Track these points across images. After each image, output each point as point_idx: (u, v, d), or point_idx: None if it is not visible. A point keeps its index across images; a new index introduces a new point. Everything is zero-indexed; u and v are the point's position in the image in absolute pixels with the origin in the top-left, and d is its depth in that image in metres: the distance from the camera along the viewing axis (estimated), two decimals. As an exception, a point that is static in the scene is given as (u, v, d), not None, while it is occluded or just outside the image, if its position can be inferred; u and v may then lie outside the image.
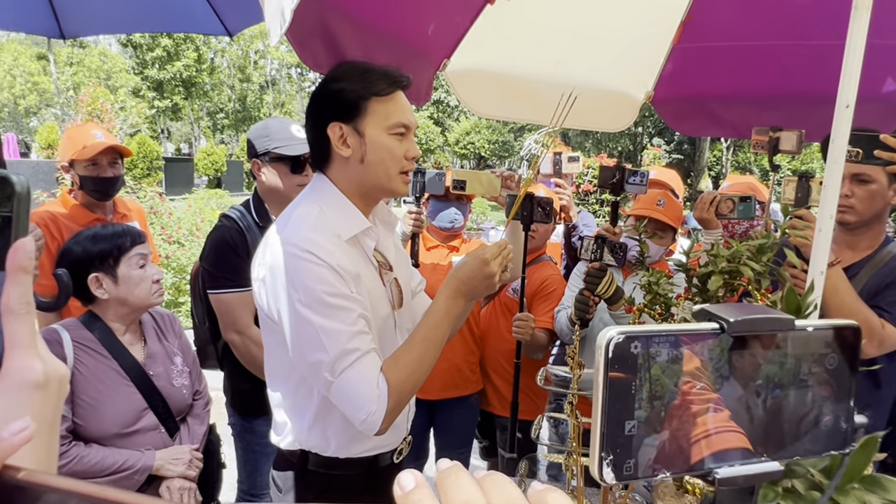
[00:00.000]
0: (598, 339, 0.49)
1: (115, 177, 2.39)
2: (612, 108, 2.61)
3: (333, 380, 1.19)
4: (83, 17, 2.42)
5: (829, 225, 1.24)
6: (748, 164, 23.50)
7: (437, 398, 2.48)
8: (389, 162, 1.28)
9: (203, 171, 22.49)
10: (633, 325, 0.50)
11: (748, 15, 2.16)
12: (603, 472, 0.49)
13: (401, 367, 1.23)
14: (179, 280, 6.04)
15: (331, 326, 1.18)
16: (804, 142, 2.13)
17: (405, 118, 1.29)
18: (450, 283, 1.29)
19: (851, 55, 1.19)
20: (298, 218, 1.25)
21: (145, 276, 1.68)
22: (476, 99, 2.50)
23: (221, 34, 2.42)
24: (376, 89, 1.25)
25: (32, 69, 26.66)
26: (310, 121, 1.31)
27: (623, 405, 0.48)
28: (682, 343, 0.50)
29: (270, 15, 0.95)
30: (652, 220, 2.21)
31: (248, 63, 37.12)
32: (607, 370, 0.48)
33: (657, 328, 0.50)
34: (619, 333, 0.47)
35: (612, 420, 0.48)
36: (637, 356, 0.48)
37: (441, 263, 2.52)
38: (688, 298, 1.59)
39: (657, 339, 0.49)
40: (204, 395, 1.90)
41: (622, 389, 0.48)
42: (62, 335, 1.62)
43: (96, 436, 1.61)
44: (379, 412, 1.19)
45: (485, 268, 1.27)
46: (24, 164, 10.60)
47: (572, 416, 1.56)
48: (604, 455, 0.48)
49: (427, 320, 1.29)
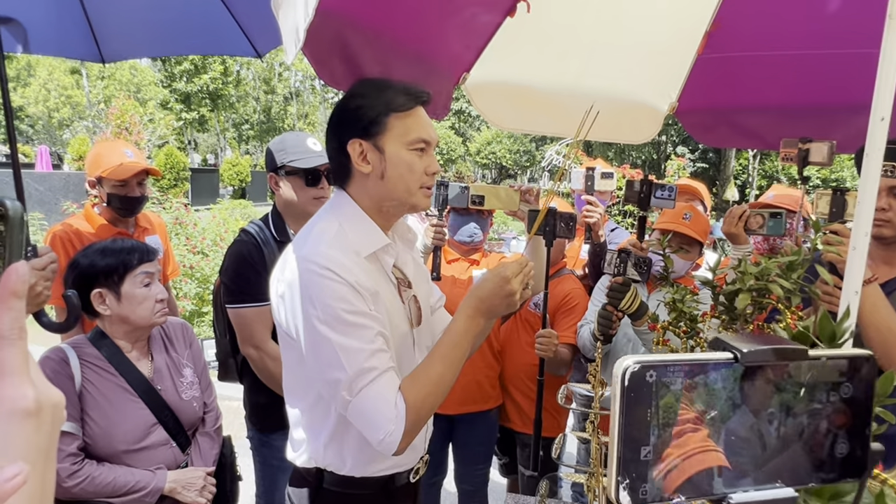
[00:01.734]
0: (614, 368, 0.51)
1: (142, 196, 2.46)
2: (636, 120, 2.57)
3: (351, 399, 1.17)
4: (121, 41, 2.51)
5: (863, 243, 1.19)
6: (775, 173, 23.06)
7: (456, 413, 2.45)
8: (409, 178, 1.27)
9: (228, 182, 22.86)
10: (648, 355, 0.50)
11: (774, 24, 2.11)
12: (620, 496, 0.51)
13: (419, 387, 1.21)
14: (203, 290, 6.11)
15: (349, 344, 1.17)
16: (835, 153, 2.07)
17: (425, 134, 1.28)
18: (469, 302, 1.28)
19: (886, 66, 1.15)
20: (318, 234, 1.25)
21: (149, 296, 1.67)
22: (496, 112, 2.49)
23: (251, 56, 2.49)
24: (395, 105, 1.25)
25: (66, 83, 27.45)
26: (330, 137, 1.31)
27: (639, 431, 0.51)
28: (697, 372, 0.53)
29: (287, 34, 0.95)
30: (678, 234, 2.16)
31: (273, 75, 37.75)
32: (624, 398, 0.50)
33: (672, 357, 0.52)
34: (634, 363, 0.50)
35: (628, 445, 0.51)
36: (652, 384, 0.51)
37: (461, 277, 2.50)
38: (714, 316, 1.54)
39: (672, 369, 0.52)
40: (213, 409, 1.89)
41: (638, 416, 0.51)
42: (68, 354, 1.62)
43: (106, 453, 1.61)
44: (397, 432, 1.17)
45: (505, 286, 1.25)
46: (55, 175, 10.88)
47: (594, 435, 1.52)
48: (620, 479, 0.51)
49: (446, 339, 1.27)
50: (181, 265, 6.05)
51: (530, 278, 1.30)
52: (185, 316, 5.83)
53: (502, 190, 2.22)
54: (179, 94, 30.99)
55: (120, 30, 2.45)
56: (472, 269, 2.53)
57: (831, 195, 1.75)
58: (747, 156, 23.40)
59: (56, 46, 2.52)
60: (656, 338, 1.60)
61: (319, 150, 2.07)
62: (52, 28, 2.36)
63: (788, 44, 2.17)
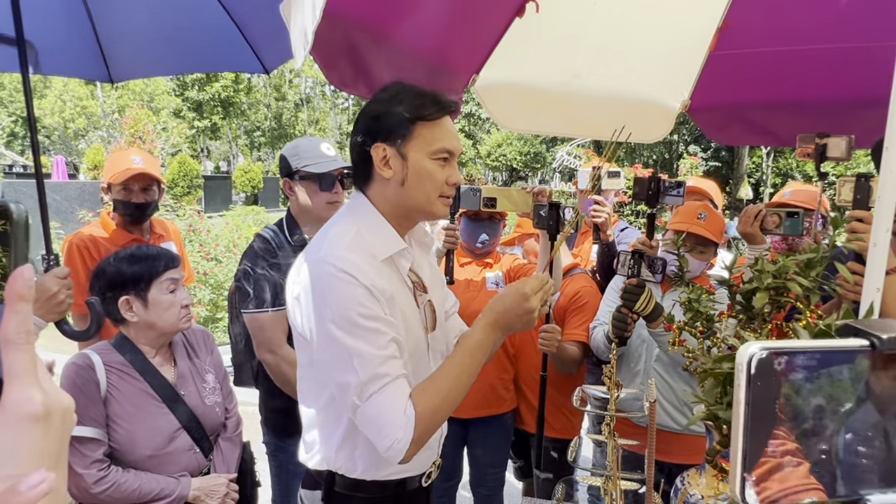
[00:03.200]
0: (737, 356, 0.46)
1: (147, 203, 2.43)
2: (647, 119, 2.55)
3: (361, 404, 1.17)
4: (130, 61, 2.54)
5: (885, 239, 1.16)
6: (790, 170, 22.80)
7: (470, 416, 2.44)
8: (430, 187, 1.27)
9: (241, 188, 23.04)
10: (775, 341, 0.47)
11: (786, 19, 2.08)
12: (746, 494, 0.47)
13: (430, 396, 1.21)
14: (217, 296, 6.15)
15: (362, 349, 1.16)
16: (853, 147, 2.03)
17: (450, 144, 1.27)
18: (487, 315, 1.27)
19: (905, 58, 1.12)
20: (335, 237, 1.25)
21: (175, 302, 1.69)
22: (507, 113, 2.48)
23: (259, 72, 2.50)
24: (423, 113, 1.24)
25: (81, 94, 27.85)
26: (354, 139, 1.31)
27: (766, 423, 0.47)
28: (829, 361, 0.48)
29: (295, 38, 0.95)
30: (692, 234, 2.14)
31: (284, 82, 38.04)
32: (750, 387, 0.46)
33: (802, 344, 0.48)
34: (761, 349, 0.46)
35: (755, 439, 0.46)
36: (780, 373, 0.46)
37: (474, 280, 2.49)
38: (731, 316, 1.52)
39: (802, 356, 0.47)
40: (234, 415, 1.90)
41: (765, 407, 0.46)
42: (94, 360, 1.63)
43: (131, 459, 1.62)
44: (405, 440, 1.16)
45: (524, 303, 1.25)
46: (71, 185, 11.03)
47: (610, 438, 1.50)
48: (746, 475, 0.46)
49: (461, 350, 1.27)
50: (195, 272, 6.10)
51: (550, 295, 1.30)
52: (200, 322, 5.88)
53: (514, 192, 2.21)
54: (192, 102, 31.32)
55: (129, 50, 2.48)
56: (486, 271, 2.52)
57: (855, 182, 1.71)
58: (760, 154, 23.15)
59: (66, 67, 2.55)
60: (672, 338, 1.58)
61: (333, 155, 2.07)
62: (62, 49, 2.39)
63: (800, 39, 2.14)
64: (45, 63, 2.28)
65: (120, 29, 2.39)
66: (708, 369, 1.22)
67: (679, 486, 1.51)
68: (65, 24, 2.31)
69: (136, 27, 2.39)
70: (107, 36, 2.40)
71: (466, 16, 1.84)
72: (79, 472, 1.55)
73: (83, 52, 2.40)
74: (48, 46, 2.26)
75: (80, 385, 1.58)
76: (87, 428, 1.57)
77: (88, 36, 2.37)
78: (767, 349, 0.46)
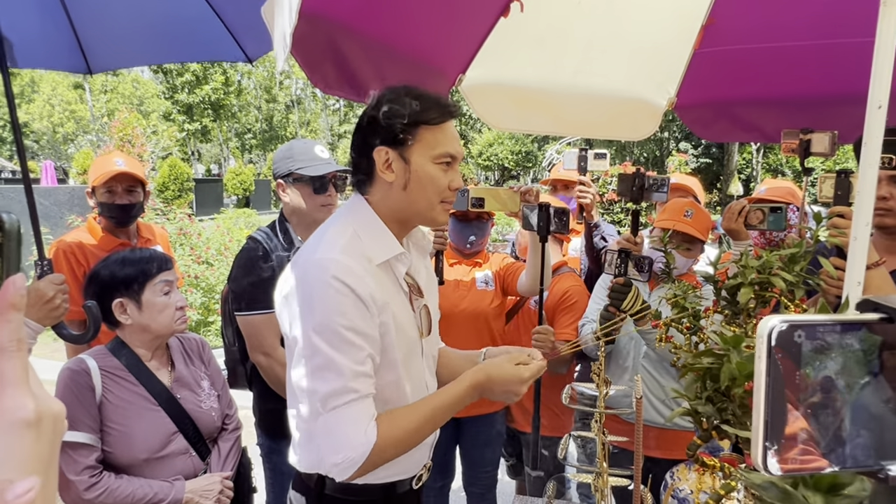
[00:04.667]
0: (759, 329, 0.48)
1: (131, 204, 2.41)
2: (634, 117, 2.56)
3: (323, 413, 1.17)
4: (109, 51, 2.49)
5: (864, 233, 1.18)
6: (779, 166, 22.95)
7: (462, 415, 2.45)
8: (432, 191, 1.26)
9: (232, 191, 22.96)
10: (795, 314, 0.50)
11: (770, 16, 2.10)
12: (768, 463, 0.48)
13: (395, 427, 1.20)
14: (208, 300, 6.13)
15: (338, 361, 1.16)
16: (837, 143, 2.05)
17: (453, 148, 1.27)
18: (477, 376, 1.26)
19: (882, 54, 1.14)
20: (331, 239, 1.24)
21: (169, 303, 1.68)
22: (494, 113, 2.48)
23: (242, 61, 2.46)
24: (427, 118, 1.24)
25: (70, 98, 27.68)
26: (356, 142, 1.30)
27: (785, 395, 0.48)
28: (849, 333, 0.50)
29: (276, 41, 0.95)
30: (679, 231, 2.15)
31: (274, 84, 37.94)
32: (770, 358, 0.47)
33: (822, 317, 0.49)
34: (781, 321, 0.48)
35: (776, 409, 0.48)
36: (801, 345, 0.48)
37: (464, 280, 2.50)
38: (717, 311, 1.53)
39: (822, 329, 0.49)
40: (234, 420, 1.90)
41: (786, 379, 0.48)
42: (89, 364, 1.63)
43: (127, 462, 1.61)
44: (357, 460, 1.16)
45: (517, 386, 1.26)
46: (61, 189, 10.94)
47: (599, 434, 1.51)
48: (768, 444, 0.48)
49: (441, 397, 1.26)
50: (186, 275, 6.07)
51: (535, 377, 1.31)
52: (192, 326, 5.86)
53: (502, 191, 2.22)
54: (182, 105, 31.18)
55: (106, 40, 2.43)
56: (475, 271, 2.53)
57: (835, 178, 1.73)
58: (751, 150, 23.31)
59: (44, 60, 2.50)
60: (659, 335, 1.59)
61: (327, 158, 2.07)
62: (38, 41, 2.34)
63: (785, 35, 2.16)
64: (21, 56, 2.20)
65: (96, 19, 2.34)
66: (688, 364, 1.23)
67: (668, 481, 1.53)
68: (39, 16, 2.26)
69: (113, 16, 2.34)
70: (83, 26, 2.34)
71: (451, 16, 1.84)
72: (70, 478, 1.54)
73: (60, 44, 2.35)
74: (23, 39, 2.19)
75: (75, 390, 1.58)
76: (80, 433, 1.56)
77: (64, 27, 2.32)
78: (788, 321, 0.47)
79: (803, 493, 0.65)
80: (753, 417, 0.48)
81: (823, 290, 1.59)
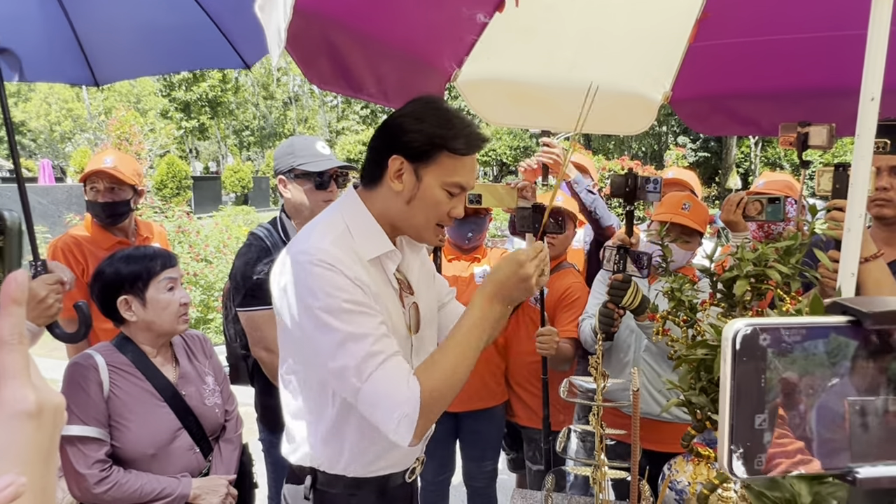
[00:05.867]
0: (724, 332, 0.48)
1: (113, 202, 2.40)
2: (630, 111, 2.56)
3: (361, 385, 1.15)
4: (114, 64, 2.57)
5: (858, 224, 1.18)
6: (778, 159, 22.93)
7: (462, 410, 2.46)
8: (432, 214, 1.27)
9: (230, 189, 22.93)
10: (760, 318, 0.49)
11: (764, 9, 2.10)
12: (733, 466, 0.48)
13: (434, 371, 1.18)
14: (208, 297, 6.14)
15: (353, 331, 1.16)
16: (835, 136, 2.05)
17: (466, 180, 1.27)
18: (486, 288, 1.25)
19: (874, 47, 1.14)
20: (321, 231, 1.25)
21: (173, 300, 1.70)
22: (489, 108, 2.48)
23: (240, 67, 2.53)
24: (454, 146, 1.23)
25: (66, 96, 27.57)
26: (376, 142, 1.30)
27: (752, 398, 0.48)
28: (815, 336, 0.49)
29: (270, 36, 0.95)
30: (677, 224, 2.15)
31: (271, 81, 37.83)
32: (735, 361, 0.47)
33: (787, 320, 0.49)
34: (746, 325, 0.48)
35: (741, 413, 0.48)
36: (766, 349, 0.48)
37: (462, 275, 2.50)
38: (713, 304, 1.54)
39: (787, 332, 0.49)
40: (234, 416, 1.92)
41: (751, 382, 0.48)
42: (97, 360, 1.65)
43: (133, 457, 1.64)
44: (413, 414, 1.13)
45: (520, 270, 1.22)
46: (58, 188, 10.95)
47: (598, 427, 1.52)
48: (733, 448, 0.48)
49: (462, 324, 1.23)
50: (185, 273, 6.07)
51: (546, 264, 1.27)
52: (192, 324, 5.86)
53: (499, 188, 2.22)
54: (179, 103, 31.10)
55: (111, 52, 2.51)
56: (474, 266, 2.54)
57: (833, 172, 1.73)
58: (749, 143, 23.28)
59: (50, 73, 2.57)
60: (656, 328, 1.59)
61: (328, 154, 2.08)
62: (45, 55, 2.41)
63: (780, 28, 2.16)
64: (29, 70, 2.29)
65: (100, 32, 2.41)
66: (682, 355, 1.24)
67: (666, 472, 1.54)
68: (45, 31, 2.33)
69: (115, 29, 2.41)
70: (88, 40, 2.41)
71: (445, 11, 1.84)
72: (81, 472, 1.56)
73: (66, 57, 2.42)
74: (30, 53, 2.28)
75: (83, 385, 1.60)
76: (89, 428, 1.58)
77: (70, 41, 2.38)
78: (752, 325, 0.47)
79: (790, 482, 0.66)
80: (719, 421, 0.48)
81: (821, 283, 1.59)
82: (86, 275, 2.37)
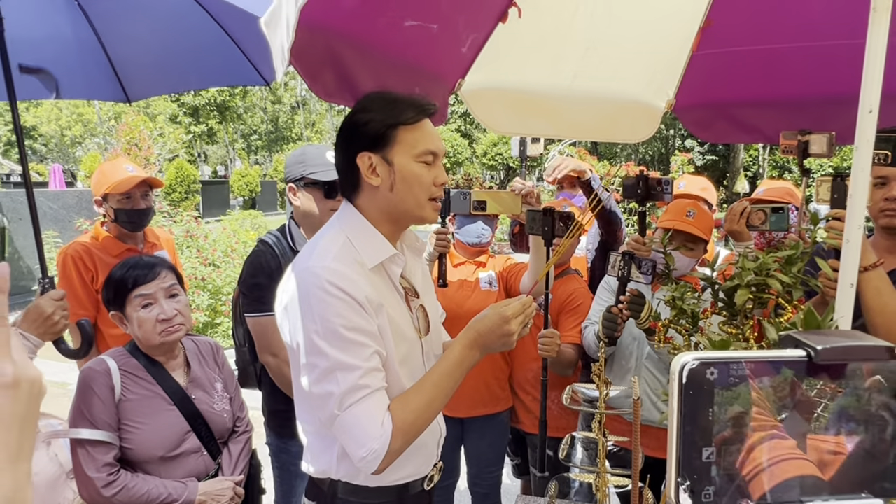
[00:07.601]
0: (671, 366, 0.48)
1: (148, 208, 2.51)
2: (633, 119, 2.57)
3: (339, 413, 1.20)
4: (143, 81, 2.75)
5: (857, 235, 1.19)
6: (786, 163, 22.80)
7: (467, 416, 2.47)
8: (418, 189, 1.29)
9: (238, 193, 23.05)
10: (708, 352, 0.48)
11: (767, 18, 2.11)
12: (680, 498, 0.48)
13: (408, 410, 1.23)
14: (215, 301, 6.17)
15: (345, 360, 1.19)
16: (835, 144, 2.05)
17: (433, 145, 1.30)
18: (468, 334, 1.29)
19: (872, 58, 1.15)
20: (324, 247, 1.27)
21: (147, 318, 1.70)
22: (494, 116, 2.50)
23: (261, 84, 2.65)
24: (404, 118, 1.27)
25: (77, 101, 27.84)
26: (339, 151, 1.33)
27: (699, 431, 0.47)
28: (763, 371, 0.49)
29: (275, 52, 0.98)
30: (681, 231, 2.16)
31: (279, 85, 38.03)
32: (682, 396, 0.47)
33: (735, 354, 0.49)
34: (693, 359, 0.47)
35: (687, 445, 0.47)
36: (713, 382, 0.47)
37: (468, 280, 2.52)
38: (714, 312, 1.54)
39: (735, 367, 0.48)
40: (245, 423, 1.94)
41: (698, 415, 0.47)
42: (110, 365, 1.69)
43: (143, 459, 1.67)
44: (380, 451, 1.19)
45: (504, 325, 1.27)
46: (69, 193, 11.03)
47: (600, 434, 1.53)
48: (680, 480, 0.48)
49: (440, 367, 1.29)
50: (193, 277, 6.12)
51: (531, 318, 1.31)
52: (199, 328, 5.90)
53: (504, 193, 2.24)
54: (188, 107, 31.32)
55: (140, 71, 2.68)
56: (479, 271, 2.55)
57: (832, 181, 1.74)
58: (757, 147, 23.17)
59: (85, 90, 2.76)
60: (658, 335, 1.60)
61: None
62: (79, 74, 2.58)
63: (782, 37, 2.17)
64: (64, 88, 2.48)
65: (129, 53, 2.60)
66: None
67: (667, 480, 1.54)
68: (78, 52, 2.50)
69: (144, 50, 2.59)
70: (119, 60, 2.59)
71: (449, 22, 1.86)
72: (89, 475, 1.59)
73: (99, 76, 2.60)
74: (66, 73, 2.48)
75: (95, 389, 1.64)
76: (99, 431, 1.61)
77: (102, 61, 2.56)
78: (699, 359, 0.46)
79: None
80: (668, 453, 0.47)
81: (823, 292, 1.60)
82: (95, 282, 2.41)
